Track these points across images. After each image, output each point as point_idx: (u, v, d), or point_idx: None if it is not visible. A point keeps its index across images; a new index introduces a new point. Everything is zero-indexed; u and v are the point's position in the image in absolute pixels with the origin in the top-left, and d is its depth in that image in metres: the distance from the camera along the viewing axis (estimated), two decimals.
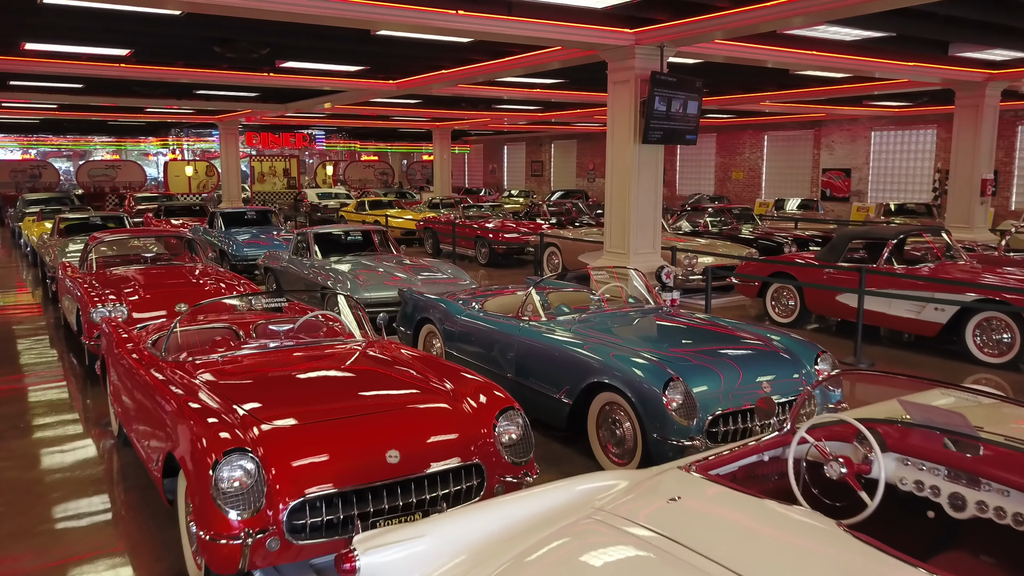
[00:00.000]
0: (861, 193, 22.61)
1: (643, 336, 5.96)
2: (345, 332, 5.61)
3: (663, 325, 6.20)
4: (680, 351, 5.46)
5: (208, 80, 12.56)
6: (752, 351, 5.61)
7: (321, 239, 10.93)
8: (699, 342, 5.82)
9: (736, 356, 5.50)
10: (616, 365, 5.13)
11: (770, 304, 10.45)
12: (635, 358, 5.15)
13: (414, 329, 7.51)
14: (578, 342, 5.59)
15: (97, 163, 32.41)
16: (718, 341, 5.87)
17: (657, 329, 6.13)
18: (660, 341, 5.79)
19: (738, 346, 5.73)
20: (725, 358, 5.37)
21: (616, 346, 5.45)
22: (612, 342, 5.56)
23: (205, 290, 8.31)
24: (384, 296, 9.08)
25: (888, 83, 14.26)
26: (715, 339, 5.90)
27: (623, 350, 5.34)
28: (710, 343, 5.80)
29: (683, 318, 6.38)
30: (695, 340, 5.87)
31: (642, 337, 5.92)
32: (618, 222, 9.33)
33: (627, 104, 8.94)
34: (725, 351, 5.61)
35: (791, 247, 13.32)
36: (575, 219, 19.25)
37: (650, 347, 5.46)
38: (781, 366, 5.44)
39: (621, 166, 9.13)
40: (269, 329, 5.33)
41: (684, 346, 5.68)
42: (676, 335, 6.01)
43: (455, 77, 12.20)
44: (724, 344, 5.79)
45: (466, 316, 6.76)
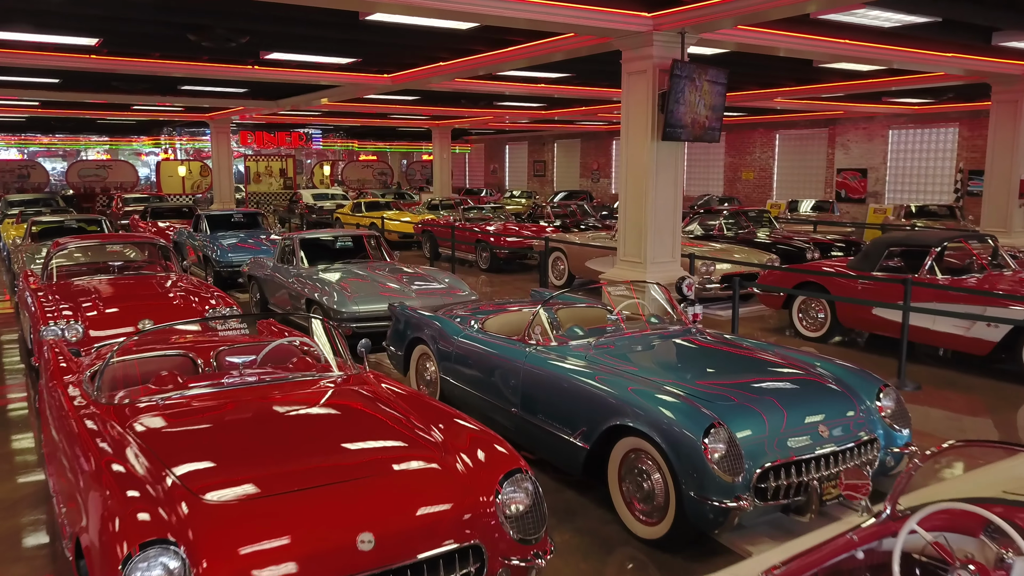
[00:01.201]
0: (878, 194, 21.72)
1: (670, 365, 5.10)
2: (320, 363, 4.76)
3: (691, 350, 5.34)
4: (715, 384, 4.60)
5: (189, 73, 11.71)
6: (796, 383, 4.75)
7: (308, 245, 10.08)
8: (733, 371, 4.96)
9: (779, 390, 4.64)
10: (642, 404, 4.27)
11: (797, 316, 9.58)
12: (665, 395, 4.30)
13: (405, 349, 6.66)
14: (595, 373, 4.73)
15: (88, 163, 31.57)
16: (755, 370, 5.02)
17: (686, 356, 5.27)
18: (691, 371, 4.93)
19: (779, 376, 4.87)
20: (767, 394, 4.52)
21: (640, 379, 4.59)
22: (635, 374, 4.70)
23: (174, 304, 7.48)
24: (374, 309, 8.23)
25: (913, 78, 13.39)
26: (751, 367, 5.05)
27: (649, 384, 4.49)
28: (746, 373, 4.95)
29: (712, 340, 5.52)
30: (729, 369, 5.02)
31: (669, 366, 5.06)
32: (633, 228, 8.44)
33: (643, 97, 8.07)
34: (765, 383, 4.75)
35: (813, 253, 12.45)
36: (580, 221, 18.38)
37: (680, 379, 4.61)
38: (833, 402, 4.59)
39: (637, 166, 8.24)
40: (227, 361, 4.48)
41: (718, 377, 4.82)
42: (707, 363, 5.15)
43: (453, 70, 11.35)
44: (762, 374, 4.94)
45: (464, 337, 5.91)
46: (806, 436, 4.28)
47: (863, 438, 4.43)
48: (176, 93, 16.18)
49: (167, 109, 20.93)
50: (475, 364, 5.69)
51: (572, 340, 5.25)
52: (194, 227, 14.58)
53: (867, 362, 8.27)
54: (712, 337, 5.59)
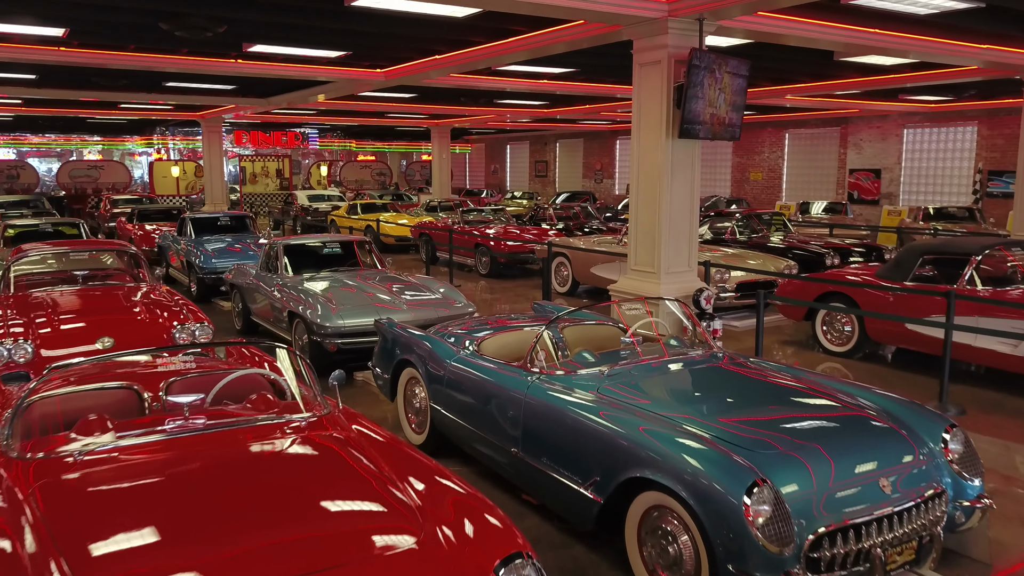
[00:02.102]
0: (892, 195, 20.98)
1: (697, 400, 4.38)
2: (285, 399, 4.06)
3: (719, 381, 4.62)
4: (751, 424, 3.89)
5: (170, 68, 10.99)
6: (841, 420, 4.04)
7: (293, 252, 9.37)
8: (768, 406, 4.25)
9: (821, 431, 3.94)
10: (666, 453, 3.57)
11: (820, 330, 8.86)
12: (694, 441, 3.59)
13: (392, 372, 5.95)
14: (608, 411, 4.02)
15: (79, 163, 30.84)
16: (792, 404, 4.32)
17: (713, 387, 4.55)
18: (721, 408, 4.21)
19: (820, 412, 4.17)
20: (809, 436, 3.81)
21: (663, 419, 3.88)
22: (656, 411, 3.99)
23: (138, 320, 6.78)
24: (362, 323, 7.51)
25: (937, 73, 12.66)
26: (788, 402, 4.35)
27: (674, 426, 3.78)
28: (782, 408, 4.24)
29: (740, 367, 4.80)
30: (763, 404, 4.30)
31: (695, 402, 4.34)
32: (646, 234, 7.70)
33: (657, 91, 7.33)
34: (805, 422, 4.05)
35: (833, 259, 11.72)
36: (584, 224, 17.66)
37: (710, 419, 3.90)
38: (889, 445, 3.88)
39: (649, 166, 7.49)
40: (170, 402, 3.77)
41: (752, 414, 4.10)
42: (739, 396, 4.44)
43: (450, 63, 10.64)
44: (801, 409, 4.23)
45: (457, 362, 5.20)
46: (861, 490, 3.58)
47: (929, 491, 3.72)
48: (162, 90, 15.46)
49: (157, 108, 20.24)
50: (469, 393, 4.98)
51: (581, 368, 4.54)
52: (178, 231, 13.88)
53: (899, 381, 7.55)
54: (740, 363, 4.88)
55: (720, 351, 4.95)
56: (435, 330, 6.00)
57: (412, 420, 5.83)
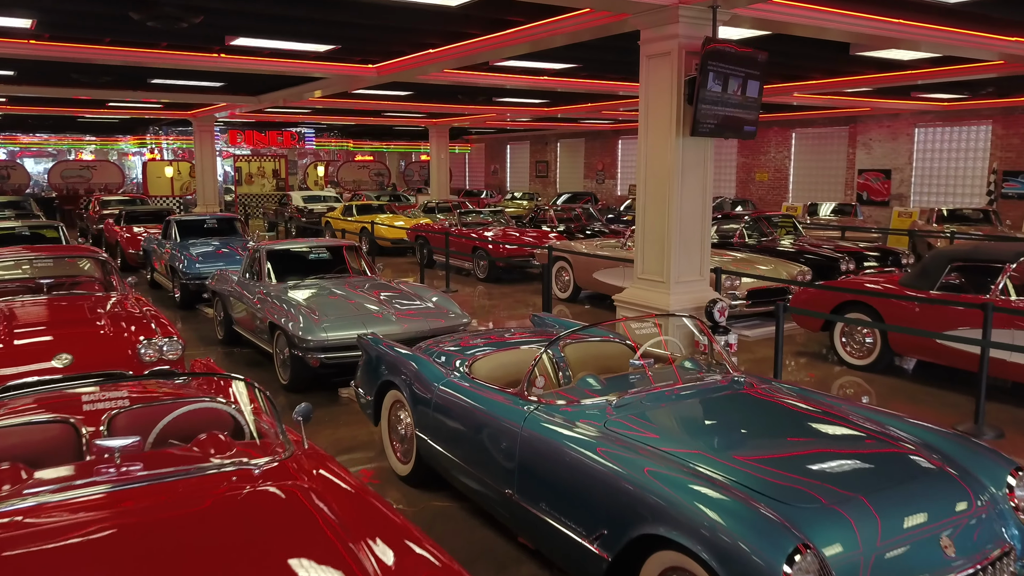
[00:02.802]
0: (902, 196, 20.39)
1: (719, 438, 3.81)
2: (242, 440, 3.51)
3: (743, 413, 4.05)
4: (782, 468, 3.33)
5: (148, 62, 10.43)
6: (884, 461, 3.49)
7: (277, 258, 8.81)
8: (800, 443, 3.69)
9: (863, 475, 3.38)
10: (686, 507, 3.01)
11: (839, 341, 8.30)
12: (720, 493, 3.03)
13: (376, 394, 5.39)
14: (617, 451, 3.46)
15: (71, 163, 30.27)
16: (826, 440, 3.76)
17: (737, 422, 3.98)
18: (747, 447, 3.65)
19: (859, 450, 3.61)
20: (849, 483, 3.25)
21: (681, 463, 3.32)
22: (672, 453, 3.43)
23: (100, 334, 6.22)
24: (347, 336, 6.96)
25: (957, 68, 12.09)
26: (821, 437, 3.80)
27: (695, 473, 3.22)
28: (815, 445, 3.69)
29: (765, 395, 4.24)
30: (794, 441, 3.74)
31: (718, 440, 3.77)
32: (654, 240, 7.13)
33: (666, 85, 6.75)
34: (843, 463, 3.49)
35: (848, 264, 11.16)
36: (585, 226, 17.12)
37: (736, 462, 3.34)
38: (942, 492, 3.32)
39: (658, 166, 6.90)
40: (100, 446, 3.20)
41: (783, 454, 3.54)
42: (766, 432, 3.87)
43: (445, 58, 10.07)
44: (837, 447, 3.68)
45: (446, 386, 4.64)
46: (913, 550, 3.03)
47: (996, 551, 3.16)
48: (148, 88, 14.90)
49: (148, 106, 19.68)
50: (459, 422, 4.43)
51: (584, 397, 3.98)
52: (163, 234, 13.33)
53: (927, 397, 6.96)
54: (765, 389, 4.31)
55: (742, 375, 4.39)
56: (425, 346, 5.45)
57: (397, 448, 5.28)
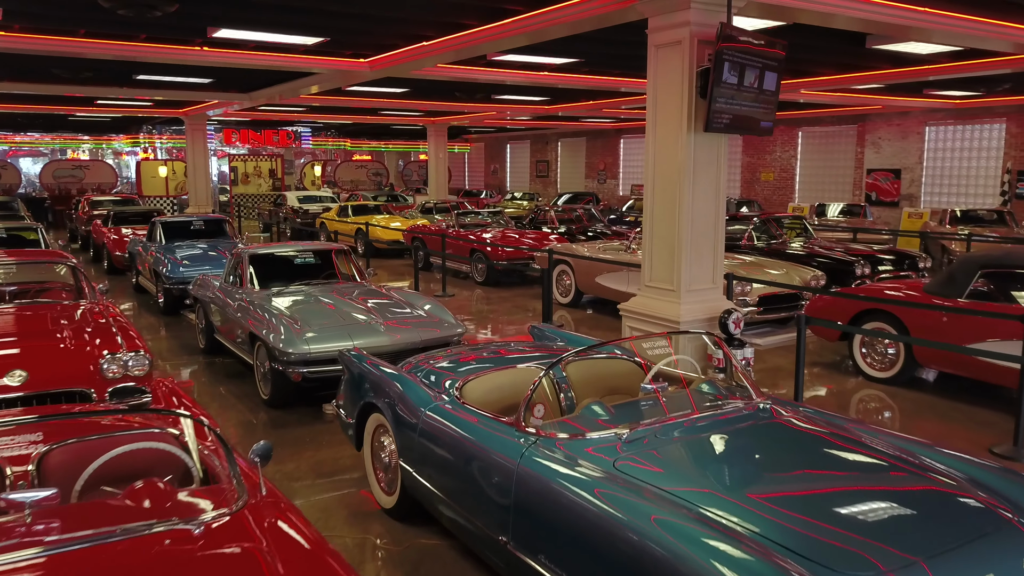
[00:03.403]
0: (912, 197, 19.86)
1: (749, 481, 3.27)
2: (191, 485, 3.00)
3: (774, 447, 3.53)
4: (824, 518, 2.81)
5: (126, 56, 9.88)
6: (939, 507, 2.99)
7: (260, 262, 8.30)
8: (842, 488, 3.17)
9: (921, 529, 2.86)
10: (715, 573, 2.49)
11: (859, 352, 7.78)
12: (755, 554, 2.51)
13: (357, 416, 4.88)
14: (630, 499, 2.94)
15: (63, 163, 29.74)
16: (871, 481, 3.25)
17: (768, 460, 3.45)
18: (786, 494, 3.12)
19: (909, 492, 3.10)
20: (910, 544, 2.72)
21: (706, 515, 2.80)
22: (695, 499, 2.91)
23: (61, 348, 5.71)
24: (331, 349, 6.45)
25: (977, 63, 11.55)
26: (866, 478, 3.28)
27: (728, 530, 2.70)
28: (860, 487, 3.18)
29: (794, 424, 3.73)
30: (834, 483, 3.22)
31: (748, 484, 3.23)
32: (663, 245, 6.57)
33: (677, 76, 6.22)
34: (896, 511, 2.99)
35: (864, 268, 10.64)
36: (587, 227, 16.61)
37: (771, 513, 2.83)
38: (1009, 548, 2.81)
39: (667, 165, 6.34)
40: (5, 499, 2.69)
41: (826, 503, 3.02)
42: (803, 472, 3.34)
43: (440, 50, 9.55)
44: (884, 490, 3.17)
45: (433, 411, 4.12)
46: None
47: None
48: (133, 84, 14.38)
49: (139, 104, 19.16)
50: (448, 455, 3.91)
51: (590, 431, 3.46)
52: (148, 236, 12.82)
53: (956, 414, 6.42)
54: (794, 418, 3.79)
55: (767, 400, 3.87)
56: (414, 363, 4.94)
57: (381, 478, 4.76)
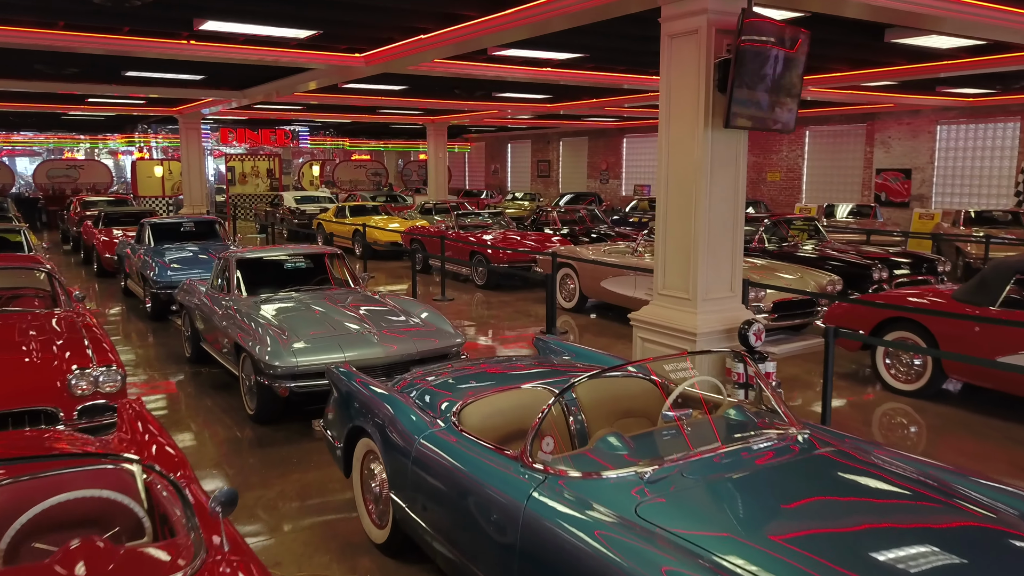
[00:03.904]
0: (923, 197, 19.41)
1: (793, 530, 2.81)
2: (141, 539, 2.57)
3: (821, 487, 3.08)
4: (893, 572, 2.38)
5: (109, 49, 9.41)
6: (1001, 551, 2.56)
7: (249, 267, 7.86)
8: (907, 541, 2.72)
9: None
10: None
11: (883, 363, 7.34)
12: None
13: (346, 441, 4.44)
14: (657, 554, 2.50)
15: (57, 163, 29.28)
16: (936, 532, 2.80)
17: (817, 507, 2.99)
18: (847, 549, 2.66)
19: (980, 544, 2.67)
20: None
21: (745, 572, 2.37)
22: (729, 552, 2.47)
23: (26, 362, 5.27)
24: (321, 361, 6.02)
25: (993, 59, 11.12)
26: (927, 525, 2.83)
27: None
28: (926, 540, 2.73)
29: (837, 454, 3.28)
30: (897, 534, 2.77)
31: (791, 534, 2.78)
32: (677, 250, 6.11)
33: (693, 68, 5.76)
34: (952, 563, 2.55)
35: (881, 272, 10.20)
36: (590, 229, 16.17)
37: (820, 570, 2.39)
38: None
39: (682, 164, 5.89)
40: None
41: (885, 556, 2.58)
42: (858, 521, 2.88)
43: (438, 44, 9.09)
44: (952, 542, 2.72)
45: (427, 440, 3.68)
46: None
47: None
48: (123, 81, 13.92)
49: (131, 103, 18.71)
50: (444, 491, 3.47)
51: (606, 469, 3.01)
52: (136, 238, 12.39)
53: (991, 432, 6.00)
54: (837, 450, 3.34)
55: (804, 430, 3.43)
56: (409, 379, 4.51)
57: (372, 510, 4.32)
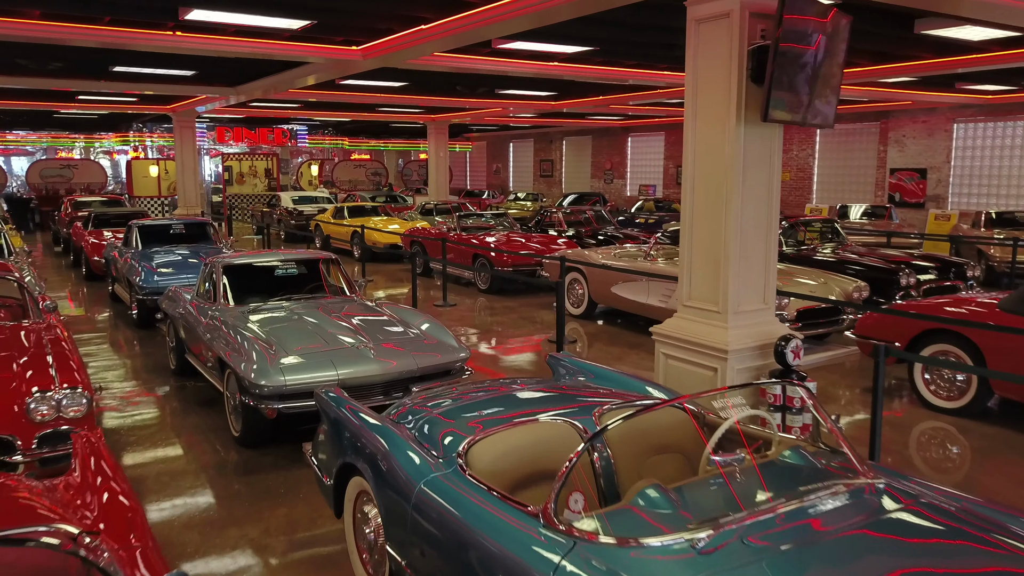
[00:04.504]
0: (939, 198, 18.85)
1: None
2: None
3: (911, 553, 2.53)
4: None
5: (88, 40, 8.79)
6: None
7: (237, 274, 7.31)
8: None
9: None
10: None
11: (921, 378, 6.78)
12: None
13: (336, 478, 3.89)
14: None
15: (50, 162, 28.72)
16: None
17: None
18: None
19: None
20: None
21: None
22: None
23: None
24: (311, 380, 5.47)
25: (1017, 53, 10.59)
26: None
27: None
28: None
29: (918, 505, 2.73)
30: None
31: None
32: (705, 257, 5.49)
33: (723, 57, 5.17)
34: None
35: (909, 278, 9.65)
36: (597, 230, 15.63)
37: None
38: None
39: (711, 163, 5.30)
40: None
41: None
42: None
43: (439, 34, 8.52)
44: None
45: (429, 487, 3.13)
46: None
47: None
48: (111, 77, 13.37)
49: (122, 100, 18.16)
50: (450, 548, 2.92)
51: (650, 533, 2.46)
52: (124, 241, 11.85)
53: None
54: (916, 502, 2.79)
55: (878, 478, 2.87)
56: (408, 405, 3.96)
57: (366, 560, 3.77)
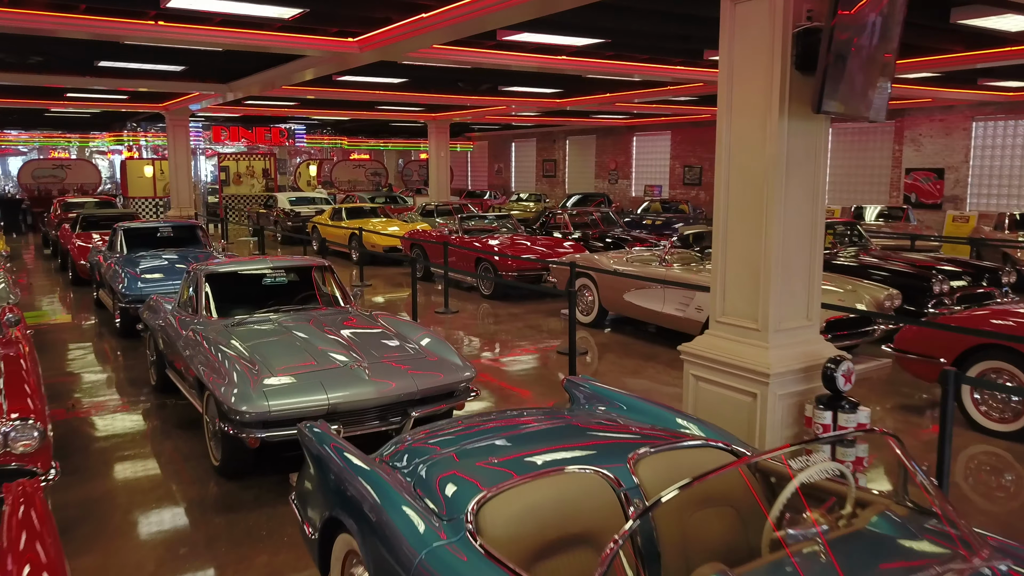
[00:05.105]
0: (957, 199, 18.25)
1: None
2: None
3: None
4: None
5: (66, 30, 8.21)
6: None
7: (221, 283, 6.72)
8: None
9: None
10: None
11: (970, 398, 6.18)
12: None
13: (322, 533, 3.30)
14: None
15: (43, 162, 28.16)
16: None
17: None
18: None
19: None
20: None
21: None
22: None
23: None
24: (298, 405, 4.88)
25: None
26: None
27: None
28: None
29: None
30: None
31: None
32: (741, 268, 4.79)
33: (764, 41, 4.52)
34: None
35: (942, 285, 9.05)
36: (604, 233, 15.02)
37: None
38: None
39: (750, 161, 4.64)
40: None
41: None
42: None
43: (440, 24, 7.93)
44: None
45: (430, 559, 2.53)
46: None
47: None
48: (97, 72, 12.80)
49: (114, 98, 17.59)
50: None
51: None
52: (109, 245, 11.27)
53: None
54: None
55: (996, 559, 2.28)
56: (407, 443, 3.38)
57: None
